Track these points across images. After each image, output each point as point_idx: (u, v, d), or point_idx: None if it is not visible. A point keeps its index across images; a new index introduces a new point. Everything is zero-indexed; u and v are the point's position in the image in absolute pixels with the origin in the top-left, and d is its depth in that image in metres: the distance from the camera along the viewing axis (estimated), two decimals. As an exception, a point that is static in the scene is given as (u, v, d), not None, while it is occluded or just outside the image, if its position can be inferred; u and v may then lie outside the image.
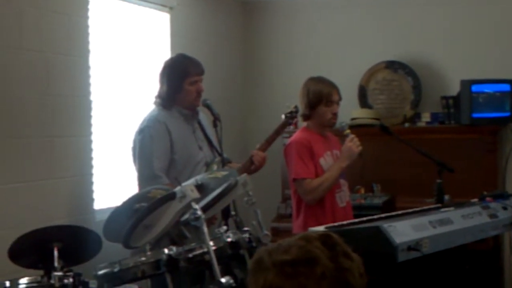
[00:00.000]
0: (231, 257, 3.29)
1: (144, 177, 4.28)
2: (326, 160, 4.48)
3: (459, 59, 6.69)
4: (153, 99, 4.51)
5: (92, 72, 5.06)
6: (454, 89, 6.54)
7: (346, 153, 4.43)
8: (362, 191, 6.33)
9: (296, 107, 4.74)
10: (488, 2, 6.63)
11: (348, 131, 4.50)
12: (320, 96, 4.44)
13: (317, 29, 7.23)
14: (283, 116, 4.77)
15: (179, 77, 4.40)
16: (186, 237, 3.42)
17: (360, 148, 4.43)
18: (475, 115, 6.29)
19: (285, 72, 7.25)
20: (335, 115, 4.51)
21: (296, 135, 4.58)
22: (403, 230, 3.58)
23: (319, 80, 4.55)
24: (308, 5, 7.25)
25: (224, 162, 4.44)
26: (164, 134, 4.32)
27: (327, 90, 4.46)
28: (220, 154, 4.44)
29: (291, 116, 4.76)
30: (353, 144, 4.42)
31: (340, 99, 4.54)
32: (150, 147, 4.30)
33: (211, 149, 4.54)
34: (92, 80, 5.06)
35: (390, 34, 6.95)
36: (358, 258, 1.55)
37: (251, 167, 4.55)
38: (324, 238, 1.53)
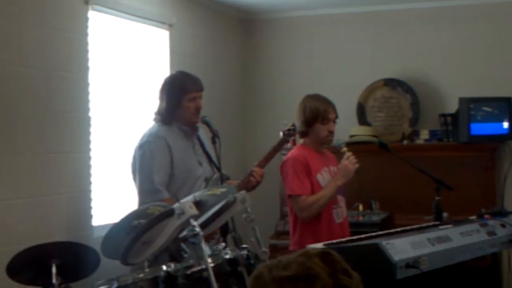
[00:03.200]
0: (229, 274, 3.28)
1: (145, 192, 4.28)
2: (323, 176, 4.48)
3: (457, 77, 6.72)
4: (153, 116, 4.51)
5: (91, 88, 5.07)
6: (452, 107, 6.56)
7: (343, 171, 4.42)
8: (361, 208, 6.33)
9: (293, 125, 4.74)
10: (485, 20, 6.67)
11: (345, 149, 4.49)
12: (316, 113, 4.45)
13: (315, 47, 7.26)
14: (281, 134, 4.78)
15: (178, 93, 4.41)
16: (185, 253, 3.42)
17: (356, 165, 4.41)
18: (474, 132, 6.31)
19: (284, 89, 7.27)
20: (331, 133, 4.50)
21: (293, 152, 4.59)
22: (402, 248, 3.58)
23: (316, 97, 4.55)
24: (307, 23, 7.28)
25: (223, 179, 4.44)
26: (164, 150, 4.32)
27: (323, 107, 4.47)
28: (219, 170, 4.45)
29: (289, 134, 4.76)
30: (349, 162, 4.41)
31: (336, 117, 4.54)
32: (150, 162, 4.30)
33: (211, 165, 4.54)
34: (91, 97, 5.07)
35: (388, 52, 6.98)
36: (357, 276, 1.55)
37: (249, 184, 4.55)
38: (323, 255, 1.54)
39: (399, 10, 6.95)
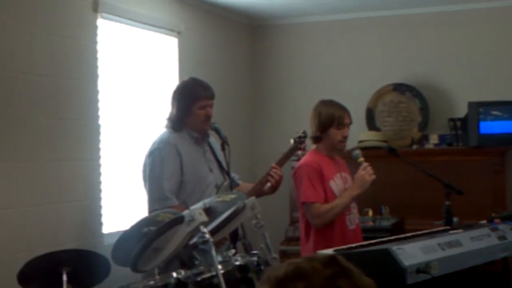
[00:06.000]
0: (239, 281, 3.28)
1: (154, 198, 4.29)
2: (336, 183, 4.47)
3: (466, 81, 6.71)
4: (164, 122, 4.52)
5: (100, 96, 5.09)
6: (461, 111, 6.55)
7: (359, 182, 4.39)
8: (371, 213, 6.32)
9: (304, 131, 4.73)
10: (494, 24, 6.66)
11: (361, 159, 4.46)
12: (332, 118, 4.43)
13: (324, 52, 7.26)
14: (291, 141, 4.78)
15: (189, 100, 4.41)
16: (196, 260, 3.42)
17: (373, 177, 4.39)
18: (483, 136, 6.30)
19: (293, 95, 7.28)
20: (345, 138, 4.49)
21: (306, 158, 4.57)
22: (412, 253, 3.57)
23: (331, 103, 4.55)
24: (316, 29, 7.29)
25: (232, 186, 4.44)
26: (174, 156, 4.33)
27: (339, 113, 4.46)
28: (229, 177, 4.45)
29: (300, 141, 4.75)
30: (366, 173, 4.38)
31: (351, 122, 4.54)
32: (160, 169, 4.31)
33: (221, 171, 4.54)
34: (100, 104, 5.09)
35: (397, 57, 6.98)
36: (369, 282, 1.54)
37: (266, 183, 4.55)
38: (327, 259, 1.53)
39: (407, 15, 6.95)
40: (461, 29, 6.78)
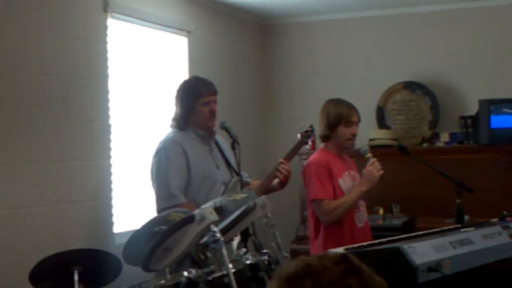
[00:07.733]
0: (250, 279, 3.29)
1: (161, 197, 4.31)
2: (345, 181, 4.47)
3: (477, 79, 6.69)
4: (170, 122, 4.53)
5: (111, 96, 5.10)
6: (472, 109, 6.53)
7: (367, 177, 4.40)
8: (381, 211, 6.30)
9: (311, 126, 4.76)
10: (504, 22, 6.64)
11: (369, 155, 4.47)
12: (340, 117, 4.45)
13: (334, 51, 7.25)
14: (298, 135, 4.79)
15: (192, 98, 4.43)
16: (207, 257, 3.42)
17: (381, 172, 4.39)
18: (494, 134, 6.27)
19: (303, 94, 7.27)
20: (354, 136, 4.51)
21: (315, 156, 4.58)
22: (423, 251, 3.56)
23: (339, 101, 4.56)
24: (326, 27, 7.28)
25: (242, 184, 4.45)
26: (180, 154, 4.34)
27: (347, 111, 4.47)
28: (238, 174, 4.45)
29: (307, 135, 4.77)
30: (373, 168, 4.39)
31: (359, 120, 4.55)
32: (166, 167, 4.32)
33: (229, 169, 4.55)
34: (111, 104, 5.10)
35: (407, 55, 6.96)
36: (380, 281, 1.54)
37: (275, 178, 4.56)
38: (339, 257, 1.53)
39: (417, 13, 6.93)
40: (471, 27, 6.76)
